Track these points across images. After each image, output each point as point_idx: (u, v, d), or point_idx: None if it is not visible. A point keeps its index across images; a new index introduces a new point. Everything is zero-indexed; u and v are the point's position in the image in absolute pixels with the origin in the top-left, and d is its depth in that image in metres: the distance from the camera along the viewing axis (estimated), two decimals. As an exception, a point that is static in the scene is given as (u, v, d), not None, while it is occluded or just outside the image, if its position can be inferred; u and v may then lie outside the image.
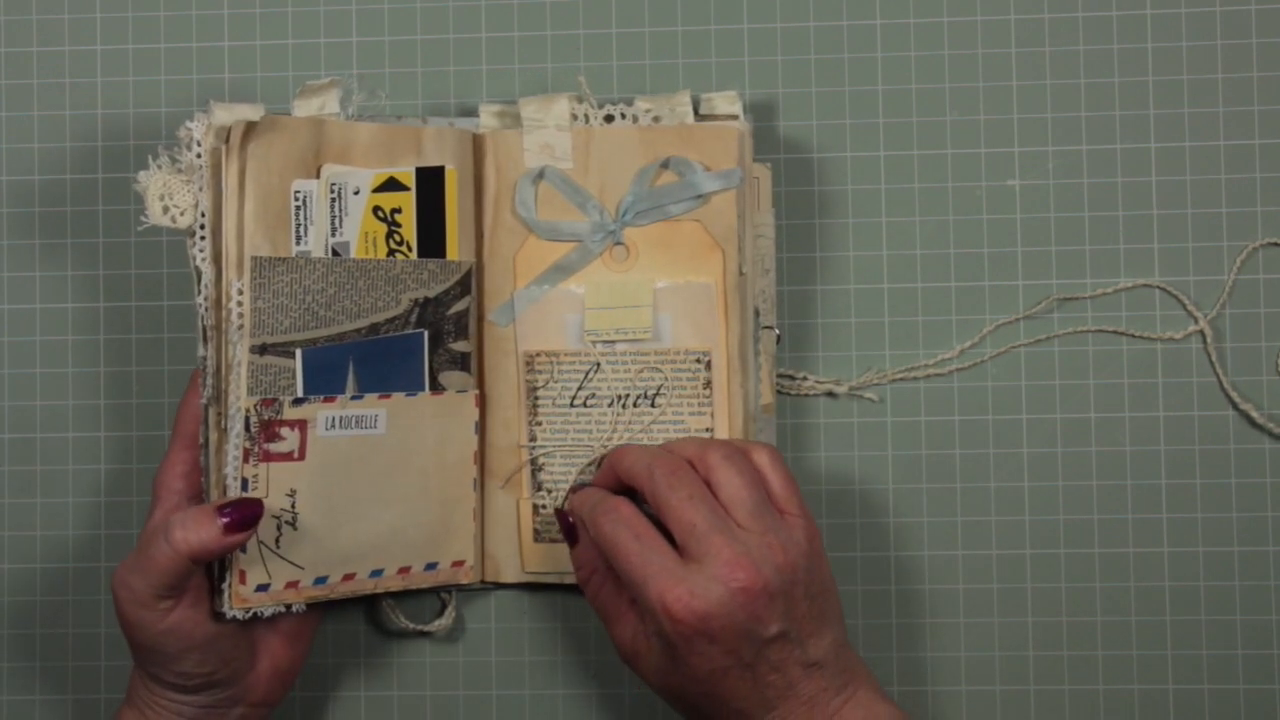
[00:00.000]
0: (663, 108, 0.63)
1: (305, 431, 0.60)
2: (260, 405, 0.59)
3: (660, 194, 0.62)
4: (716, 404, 0.62)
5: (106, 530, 0.67)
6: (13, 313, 0.68)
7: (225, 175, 0.58)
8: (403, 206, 0.62)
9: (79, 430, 0.67)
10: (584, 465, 0.63)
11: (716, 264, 0.62)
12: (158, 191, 0.59)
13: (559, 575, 0.64)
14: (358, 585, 0.62)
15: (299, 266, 0.60)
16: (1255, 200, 0.65)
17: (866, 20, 0.66)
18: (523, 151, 0.63)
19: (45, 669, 0.67)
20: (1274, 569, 0.65)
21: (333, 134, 0.61)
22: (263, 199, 0.59)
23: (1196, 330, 0.65)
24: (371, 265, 0.61)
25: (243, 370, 0.59)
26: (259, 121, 0.59)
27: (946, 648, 0.65)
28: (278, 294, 0.59)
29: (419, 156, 0.62)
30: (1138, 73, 0.66)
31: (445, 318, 0.63)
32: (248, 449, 0.59)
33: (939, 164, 0.66)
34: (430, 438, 0.63)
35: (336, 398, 0.60)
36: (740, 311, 0.62)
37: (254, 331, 0.59)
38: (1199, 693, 0.64)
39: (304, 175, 0.60)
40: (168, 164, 0.59)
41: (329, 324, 0.61)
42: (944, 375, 0.65)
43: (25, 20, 0.68)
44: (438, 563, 0.63)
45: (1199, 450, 0.65)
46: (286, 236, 0.60)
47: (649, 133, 0.63)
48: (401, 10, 0.67)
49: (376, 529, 0.62)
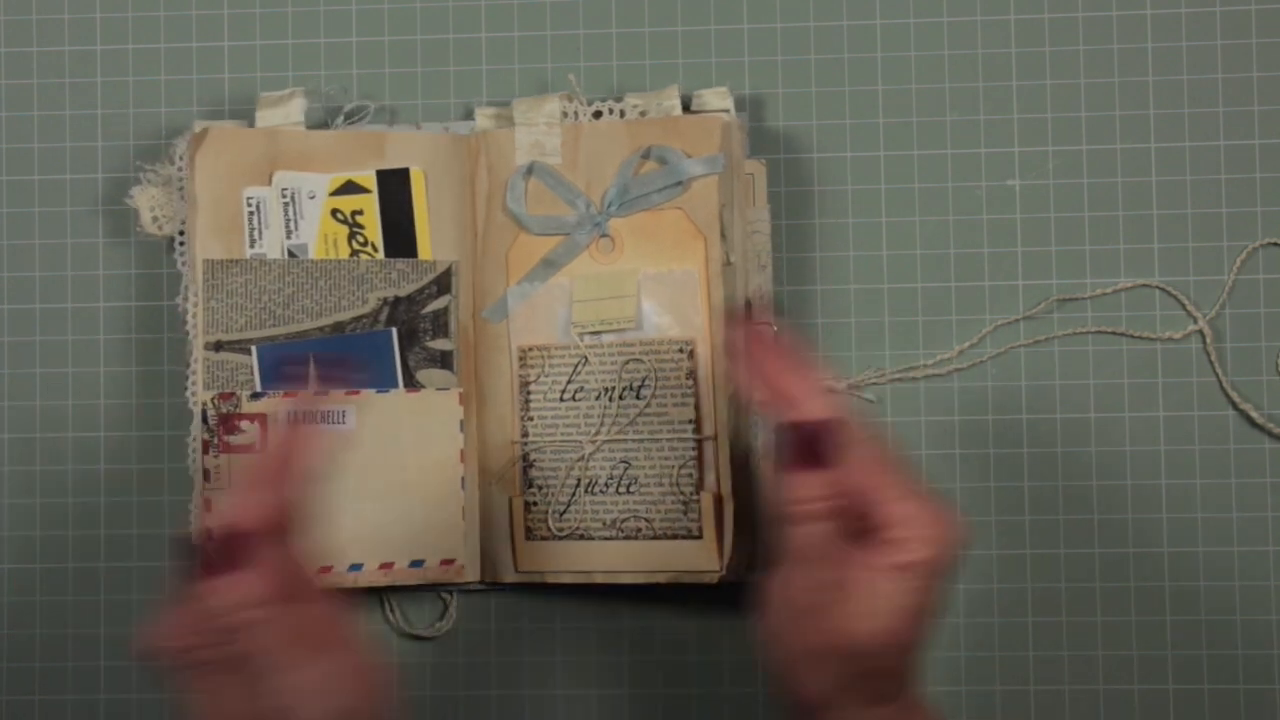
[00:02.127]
0: (650, 103, 0.63)
1: (266, 425, 0.63)
2: (217, 399, 0.63)
3: (643, 183, 0.62)
4: (700, 395, 0.62)
5: (106, 530, 0.67)
6: (13, 313, 0.68)
7: (186, 185, 0.64)
8: (364, 208, 0.64)
9: (79, 430, 0.67)
10: None
11: (699, 251, 0.62)
12: (148, 203, 0.64)
13: (554, 574, 0.64)
14: (336, 579, 0.63)
15: (252, 268, 0.64)
16: (1255, 200, 0.65)
17: (866, 20, 0.66)
18: (514, 150, 0.64)
19: (45, 669, 0.67)
20: (1274, 569, 0.64)
21: (288, 143, 0.64)
22: (213, 206, 0.64)
23: (1195, 330, 0.65)
24: (332, 265, 0.64)
25: (199, 366, 0.63)
26: (205, 133, 0.63)
27: (946, 647, 0.65)
28: (231, 294, 0.64)
29: (382, 160, 0.64)
30: (1138, 73, 0.66)
31: (420, 316, 0.64)
32: (207, 440, 0.63)
33: (939, 164, 0.66)
34: (407, 435, 0.64)
35: (298, 393, 0.62)
36: (725, 300, 0.62)
37: (208, 329, 0.63)
38: (1199, 693, 0.64)
39: (257, 183, 0.64)
40: (155, 177, 0.65)
41: (288, 322, 0.64)
42: (943, 375, 0.65)
43: (25, 20, 0.68)
44: (424, 560, 0.64)
45: (1199, 450, 0.65)
46: (240, 240, 0.64)
47: (635, 126, 0.63)
48: (401, 10, 0.67)
49: (353, 524, 0.63)
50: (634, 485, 0.62)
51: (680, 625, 0.66)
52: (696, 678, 0.66)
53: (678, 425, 0.62)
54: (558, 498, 0.63)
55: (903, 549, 0.49)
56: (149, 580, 0.67)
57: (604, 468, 0.63)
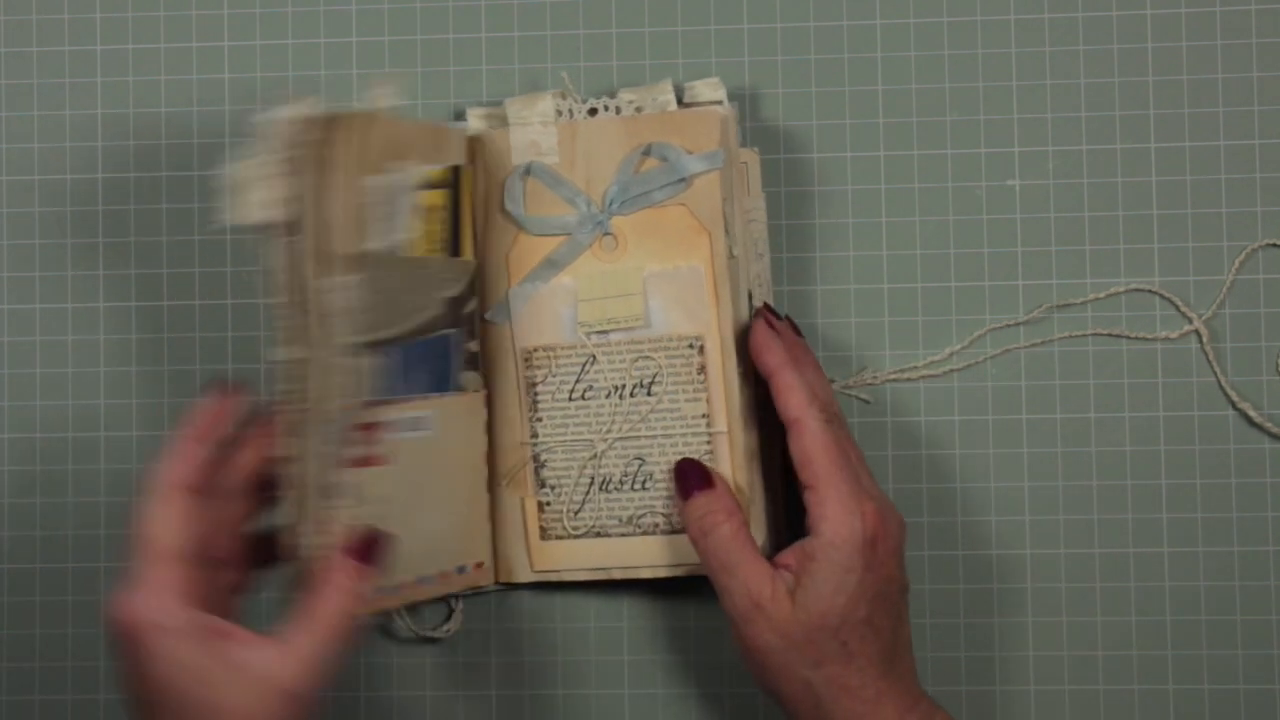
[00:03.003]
0: (645, 98, 0.63)
1: (376, 434, 0.58)
2: (344, 409, 0.56)
3: (645, 180, 0.62)
4: (711, 389, 0.62)
5: (106, 530, 0.67)
6: (12, 313, 0.68)
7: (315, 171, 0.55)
8: (438, 205, 0.62)
9: (79, 430, 0.67)
10: None
11: (704, 247, 0.62)
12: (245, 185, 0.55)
13: (570, 572, 0.64)
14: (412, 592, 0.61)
15: (379, 263, 0.57)
16: (1255, 200, 0.65)
17: (866, 20, 0.66)
18: (510, 150, 0.63)
19: (45, 669, 0.67)
20: (1274, 569, 0.65)
21: (394, 131, 0.58)
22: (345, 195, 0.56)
23: (1191, 330, 0.65)
24: (423, 264, 0.60)
25: (333, 372, 0.56)
26: (346, 116, 0.56)
27: (946, 648, 0.65)
28: (362, 292, 0.56)
29: (447, 155, 0.62)
30: (1138, 73, 0.66)
31: (462, 317, 0.63)
32: (335, 454, 0.56)
33: (939, 164, 0.66)
34: (461, 438, 0.63)
35: (398, 400, 0.59)
36: (732, 294, 0.62)
37: (341, 331, 0.56)
38: (1199, 693, 0.64)
39: (373, 172, 0.57)
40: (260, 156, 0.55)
41: (392, 324, 0.59)
42: (941, 376, 0.65)
43: (25, 20, 0.68)
44: (465, 565, 0.63)
45: (1199, 450, 0.65)
46: (361, 234, 0.56)
47: (632, 122, 0.63)
48: (401, 10, 0.67)
49: (424, 532, 0.61)
50: (649, 481, 0.62)
51: (680, 625, 0.66)
52: (696, 678, 0.66)
53: (690, 420, 0.62)
54: (572, 496, 0.63)
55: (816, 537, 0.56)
56: (149, 580, 0.67)
57: (618, 465, 0.63)
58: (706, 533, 0.58)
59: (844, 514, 0.56)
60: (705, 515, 0.58)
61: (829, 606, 0.55)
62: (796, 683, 0.56)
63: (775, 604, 0.56)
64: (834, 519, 0.56)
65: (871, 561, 0.56)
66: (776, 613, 0.56)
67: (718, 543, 0.57)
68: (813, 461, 0.57)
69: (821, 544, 0.56)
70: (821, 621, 0.55)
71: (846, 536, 0.56)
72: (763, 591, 0.56)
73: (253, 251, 0.62)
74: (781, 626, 0.56)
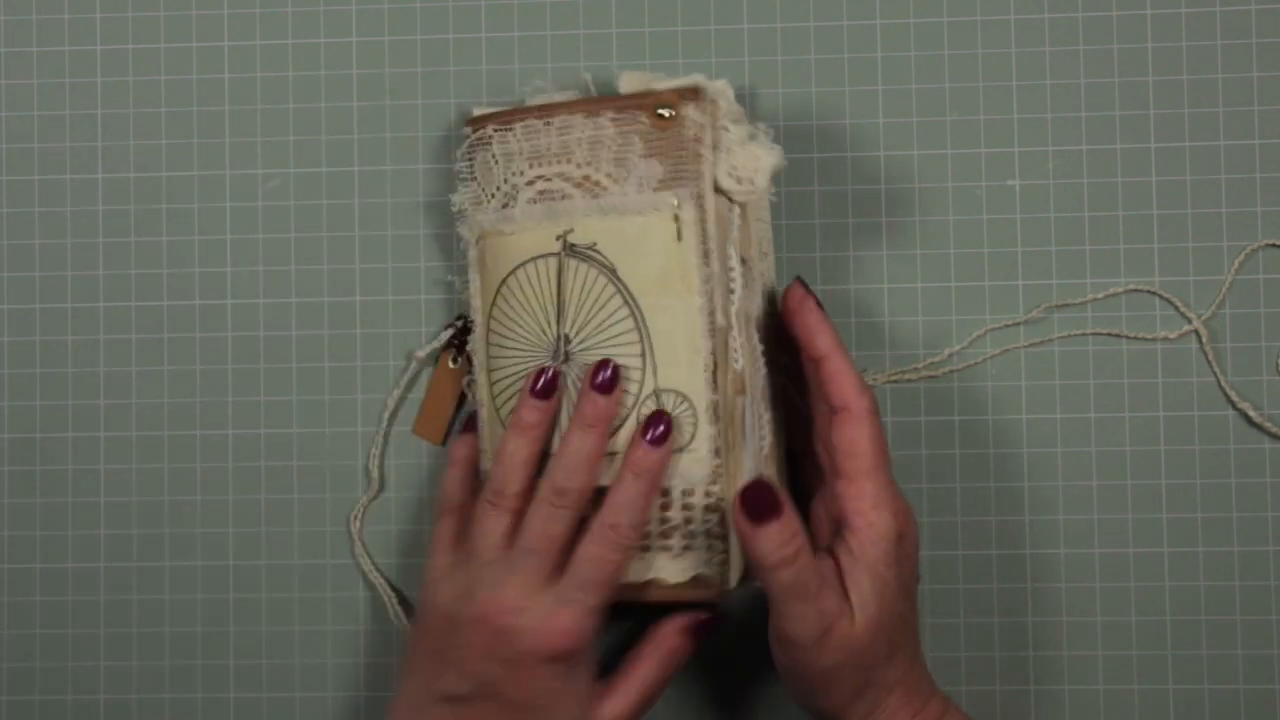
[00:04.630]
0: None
1: None
2: None
3: None
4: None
5: (106, 530, 0.67)
6: (13, 313, 0.68)
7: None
8: None
9: (79, 430, 0.67)
10: None
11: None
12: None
13: None
14: None
15: None
16: (1255, 200, 0.65)
17: (866, 20, 0.66)
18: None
19: (45, 669, 0.67)
20: (1274, 569, 0.65)
21: None
22: None
23: (1191, 330, 0.65)
24: None
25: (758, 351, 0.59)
26: None
27: (946, 647, 0.65)
28: None
29: None
30: (1138, 73, 0.66)
31: None
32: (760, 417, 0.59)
33: (939, 164, 0.66)
34: None
35: None
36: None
37: None
38: (1199, 693, 0.65)
39: None
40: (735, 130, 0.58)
41: None
42: (941, 376, 0.65)
43: (25, 20, 0.68)
44: None
45: (1199, 450, 0.65)
46: None
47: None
48: (401, 10, 0.67)
49: None
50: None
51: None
52: (696, 677, 0.66)
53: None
54: None
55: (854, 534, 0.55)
56: (149, 580, 0.67)
57: None
58: (788, 562, 0.54)
59: (882, 509, 0.56)
60: (784, 544, 0.54)
61: (879, 608, 0.55)
62: (847, 692, 0.56)
63: (842, 621, 0.54)
64: (871, 514, 0.55)
65: (900, 556, 0.56)
66: (842, 629, 0.54)
67: (800, 572, 0.54)
68: (860, 453, 0.56)
69: (860, 542, 0.55)
70: (876, 626, 0.55)
71: (883, 532, 0.55)
72: (837, 613, 0.54)
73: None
74: (848, 642, 0.54)
